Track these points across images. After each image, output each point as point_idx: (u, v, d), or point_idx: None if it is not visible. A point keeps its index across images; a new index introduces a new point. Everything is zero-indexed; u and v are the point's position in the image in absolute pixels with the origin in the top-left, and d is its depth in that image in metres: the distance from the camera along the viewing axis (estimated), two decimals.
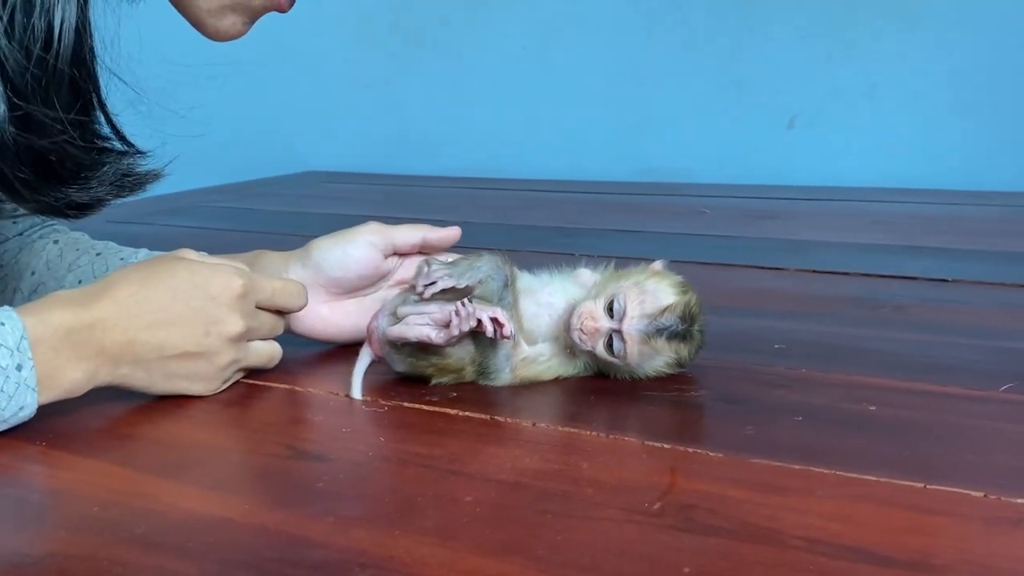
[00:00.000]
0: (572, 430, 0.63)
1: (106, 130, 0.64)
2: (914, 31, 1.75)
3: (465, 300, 0.67)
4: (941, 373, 0.71)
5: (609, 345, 0.68)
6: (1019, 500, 0.51)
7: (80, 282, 0.82)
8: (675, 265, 0.74)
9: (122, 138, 0.66)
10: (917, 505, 0.51)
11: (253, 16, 0.71)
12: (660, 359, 0.69)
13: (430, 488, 0.55)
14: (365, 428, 0.64)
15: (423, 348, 0.69)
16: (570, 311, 0.70)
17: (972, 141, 1.73)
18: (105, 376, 0.65)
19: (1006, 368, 0.72)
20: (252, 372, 0.74)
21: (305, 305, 0.75)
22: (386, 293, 0.79)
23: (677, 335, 0.68)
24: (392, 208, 1.60)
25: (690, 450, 0.59)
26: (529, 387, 0.71)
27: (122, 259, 0.83)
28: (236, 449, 0.62)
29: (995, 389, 0.68)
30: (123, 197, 0.67)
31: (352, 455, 0.60)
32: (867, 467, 0.55)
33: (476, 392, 0.70)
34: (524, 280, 0.73)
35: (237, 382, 0.72)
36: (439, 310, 0.68)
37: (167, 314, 0.65)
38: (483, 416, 0.66)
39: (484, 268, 0.70)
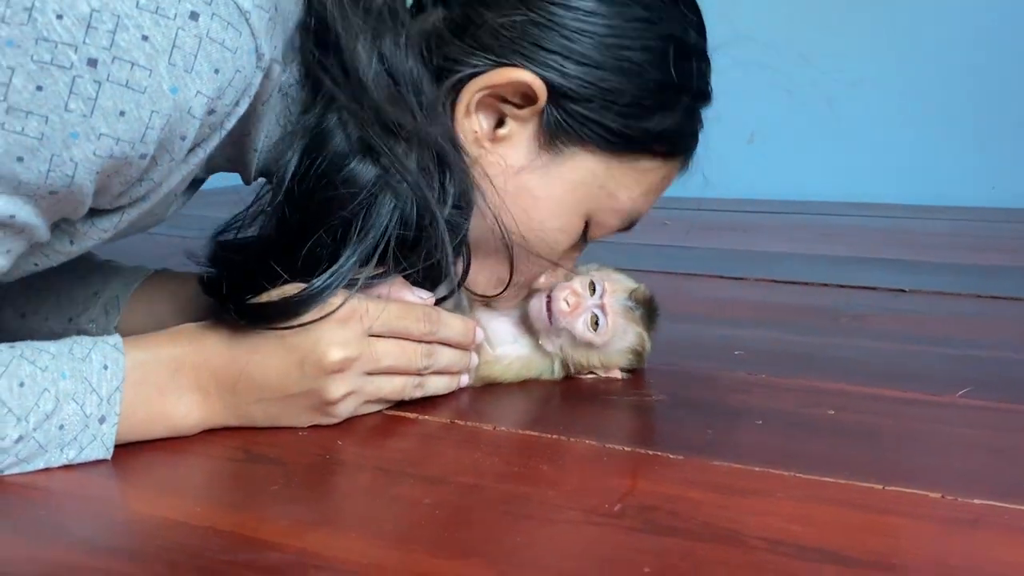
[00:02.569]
0: (533, 433, 0.62)
1: None
2: (871, 50, 1.78)
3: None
4: (900, 379, 0.72)
5: (590, 323, 0.69)
6: (975, 501, 0.52)
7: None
8: (637, 274, 0.75)
9: None
10: (876, 506, 0.51)
11: None
12: (628, 338, 0.71)
13: (387, 491, 0.54)
14: (322, 431, 0.63)
15: None
16: (536, 301, 0.71)
17: (928, 157, 1.76)
18: (217, 418, 0.62)
19: (962, 374, 0.73)
20: None
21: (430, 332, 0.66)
22: None
23: (647, 312, 0.72)
24: None
25: (651, 453, 0.59)
26: (490, 391, 0.71)
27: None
28: (190, 452, 0.60)
29: (952, 394, 0.68)
30: None
31: (308, 458, 0.59)
32: (827, 469, 0.55)
33: (436, 395, 0.69)
34: None
35: None
36: None
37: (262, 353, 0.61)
38: (443, 420, 0.65)
39: None
